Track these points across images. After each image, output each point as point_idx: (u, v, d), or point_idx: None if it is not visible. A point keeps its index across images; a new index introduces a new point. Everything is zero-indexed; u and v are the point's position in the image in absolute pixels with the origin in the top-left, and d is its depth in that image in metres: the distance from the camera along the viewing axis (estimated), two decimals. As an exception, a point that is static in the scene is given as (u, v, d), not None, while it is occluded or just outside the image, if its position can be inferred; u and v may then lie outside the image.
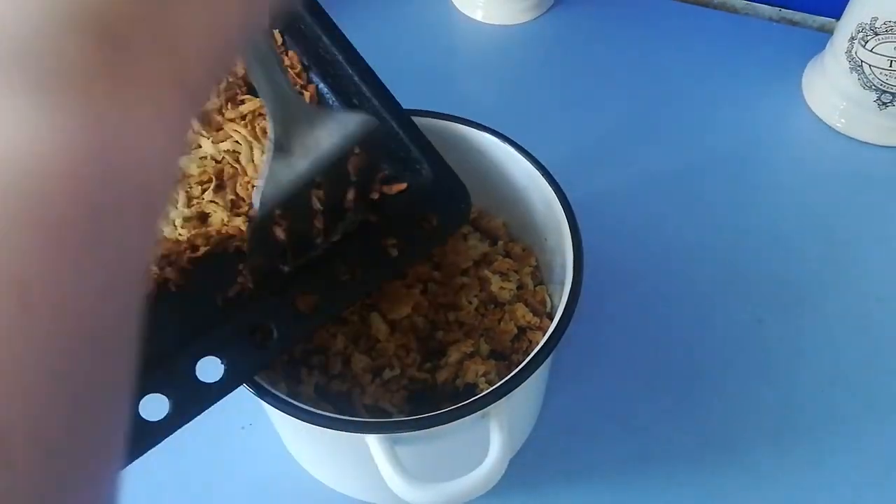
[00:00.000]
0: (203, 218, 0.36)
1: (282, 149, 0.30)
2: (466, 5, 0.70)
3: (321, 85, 0.41)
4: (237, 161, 0.37)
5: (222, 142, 0.38)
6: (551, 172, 0.41)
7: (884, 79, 0.56)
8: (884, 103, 0.58)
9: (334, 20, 0.41)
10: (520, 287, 0.44)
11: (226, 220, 0.36)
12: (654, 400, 0.48)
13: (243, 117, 0.39)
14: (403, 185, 0.38)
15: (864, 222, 0.56)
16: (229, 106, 0.39)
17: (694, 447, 0.46)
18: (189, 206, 0.36)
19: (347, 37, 0.41)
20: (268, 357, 0.34)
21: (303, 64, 0.42)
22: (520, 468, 0.45)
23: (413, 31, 0.69)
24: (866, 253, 0.54)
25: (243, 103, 0.39)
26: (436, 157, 0.39)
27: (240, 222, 0.36)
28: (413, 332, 0.42)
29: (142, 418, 0.31)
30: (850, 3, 0.58)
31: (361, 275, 0.36)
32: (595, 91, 0.65)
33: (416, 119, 0.43)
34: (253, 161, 0.37)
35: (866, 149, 0.60)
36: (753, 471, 0.45)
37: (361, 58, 0.41)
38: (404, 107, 0.41)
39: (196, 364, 0.32)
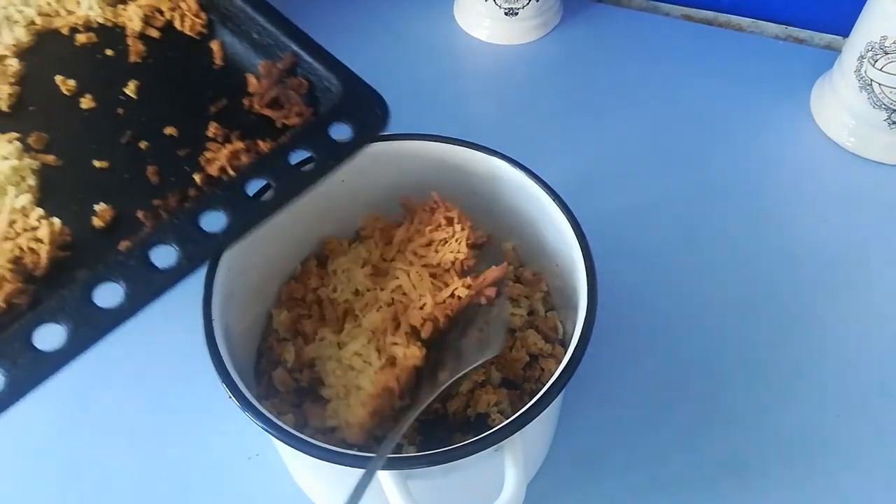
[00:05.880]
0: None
1: None
2: (471, 26, 0.70)
3: (222, 31, 0.43)
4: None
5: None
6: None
7: (894, 98, 0.56)
8: (894, 122, 0.57)
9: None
10: (531, 313, 0.44)
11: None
12: (666, 426, 0.47)
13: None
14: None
15: (874, 241, 0.55)
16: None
17: (707, 474, 0.45)
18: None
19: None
20: (172, 278, 0.33)
21: (203, 8, 0.43)
22: (532, 498, 0.44)
23: (418, 53, 0.69)
24: (878, 273, 0.54)
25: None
26: (344, 70, 0.39)
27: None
28: (423, 361, 0.41)
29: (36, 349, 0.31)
30: (858, 22, 0.57)
31: (276, 189, 0.35)
32: (600, 111, 0.64)
33: (422, 143, 0.42)
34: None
35: (876, 167, 0.59)
36: (768, 497, 0.44)
37: None
38: (409, 130, 0.41)
39: (92, 291, 0.32)
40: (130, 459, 0.46)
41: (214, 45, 0.42)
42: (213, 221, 0.34)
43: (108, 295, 0.32)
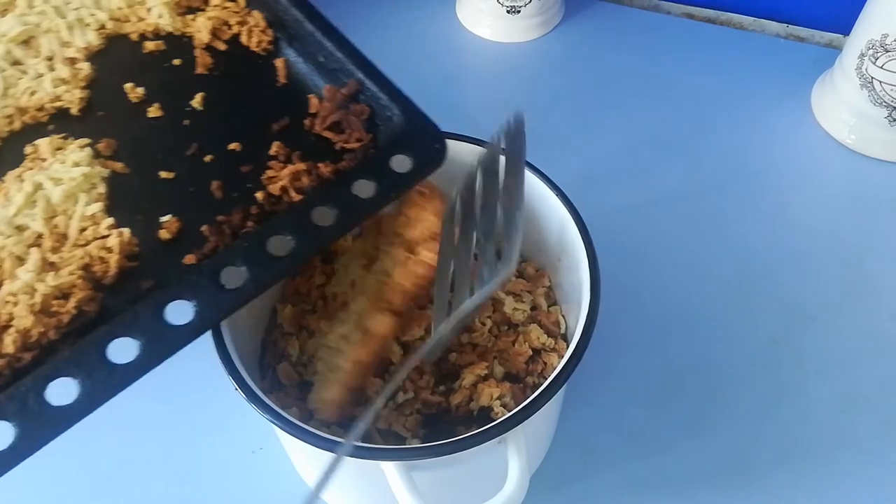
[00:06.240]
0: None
1: None
2: (473, 23, 0.70)
3: (288, 49, 0.42)
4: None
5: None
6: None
7: (895, 95, 0.56)
8: (894, 119, 0.57)
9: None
10: (533, 308, 0.44)
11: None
12: (668, 421, 0.47)
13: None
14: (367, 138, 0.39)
15: (875, 239, 0.56)
16: None
17: (709, 468, 0.46)
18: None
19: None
20: (239, 299, 0.33)
21: (270, 25, 0.43)
22: (534, 491, 0.44)
23: (420, 50, 0.69)
24: (879, 270, 0.54)
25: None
26: (406, 101, 0.39)
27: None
28: (426, 354, 0.41)
29: (110, 362, 0.31)
30: (859, 20, 0.58)
31: (337, 217, 0.35)
32: (602, 109, 0.64)
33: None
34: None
35: (877, 165, 0.60)
36: (770, 492, 0.45)
37: (321, 14, 0.42)
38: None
39: (164, 308, 0.32)
40: (135, 452, 0.46)
41: (279, 63, 0.42)
42: (280, 246, 0.34)
43: (179, 312, 0.32)
